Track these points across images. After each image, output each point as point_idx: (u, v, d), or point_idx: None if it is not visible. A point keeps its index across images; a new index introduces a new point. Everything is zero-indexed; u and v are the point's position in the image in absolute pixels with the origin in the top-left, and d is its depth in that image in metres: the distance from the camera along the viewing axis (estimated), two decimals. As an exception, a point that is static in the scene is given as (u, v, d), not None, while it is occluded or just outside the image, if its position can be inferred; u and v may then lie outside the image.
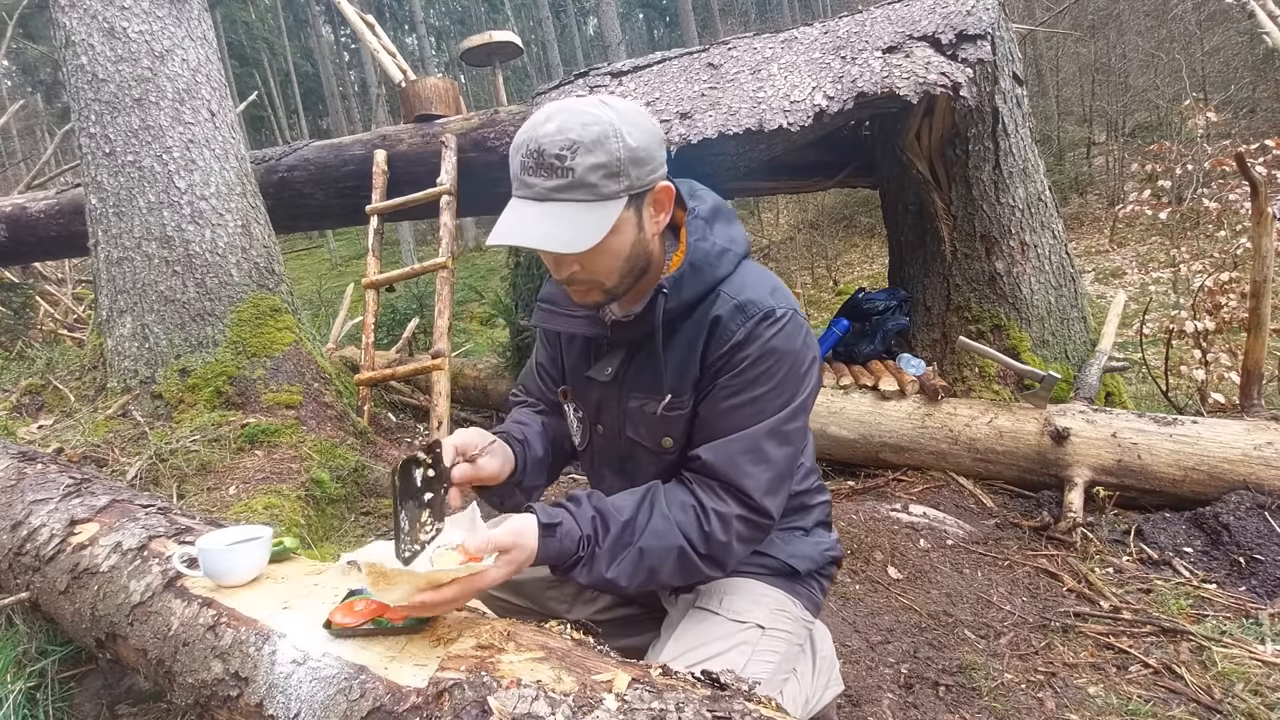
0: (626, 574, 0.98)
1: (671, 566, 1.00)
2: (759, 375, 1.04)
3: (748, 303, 1.05)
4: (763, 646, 1.10)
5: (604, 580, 0.98)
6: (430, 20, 31.71)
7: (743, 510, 1.02)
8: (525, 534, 0.93)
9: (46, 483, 1.69)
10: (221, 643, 1.04)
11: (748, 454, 1.02)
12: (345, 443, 3.16)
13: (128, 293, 3.14)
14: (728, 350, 1.04)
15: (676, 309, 1.06)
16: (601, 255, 0.99)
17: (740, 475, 1.01)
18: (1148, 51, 12.61)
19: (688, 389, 1.08)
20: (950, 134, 3.30)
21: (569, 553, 0.96)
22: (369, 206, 4.07)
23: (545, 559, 0.95)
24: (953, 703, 1.69)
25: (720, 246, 1.08)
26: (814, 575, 1.23)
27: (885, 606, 2.08)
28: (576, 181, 0.93)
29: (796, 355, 1.05)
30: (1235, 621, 1.99)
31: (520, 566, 0.93)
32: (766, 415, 1.03)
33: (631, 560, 0.98)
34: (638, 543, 0.98)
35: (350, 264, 18.86)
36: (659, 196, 1.03)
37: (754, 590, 1.17)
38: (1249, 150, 3.70)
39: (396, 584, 0.86)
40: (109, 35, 3.12)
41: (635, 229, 1.01)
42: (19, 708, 1.52)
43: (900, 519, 2.60)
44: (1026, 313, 3.34)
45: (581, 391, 1.22)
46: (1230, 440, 2.52)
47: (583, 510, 0.99)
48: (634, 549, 0.98)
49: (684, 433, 1.10)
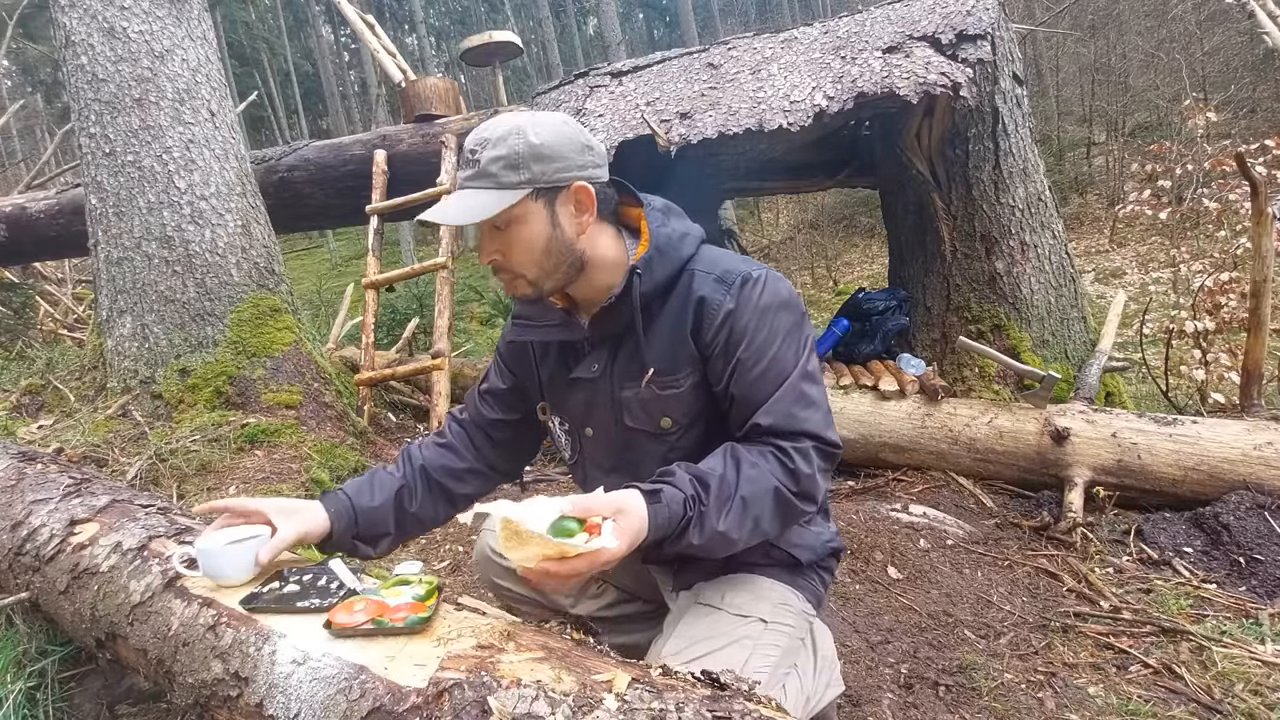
0: (735, 525, 0.99)
1: (771, 510, 1.02)
2: (767, 335, 1.09)
3: (725, 273, 1.11)
4: (765, 641, 1.11)
5: (717, 535, 0.98)
6: (430, 20, 31.69)
7: (815, 444, 1.06)
8: (631, 501, 0.93)
9: (46, 483, 1.69)
10: (221, 643, 1.04)
11: (796, 403, 1.07)
12: (345, 443, 3.16)
13: (128, 293, 3.14)
14: (723, 322, 1.09)
15: (652, 290, 1.12)
16: (515, 245, 1.09)
17: (800, 421, 1.06)
18: (1148, 51, 12.61)
19: (682, 367, 1.12)
20: (950, 134, 3.29)
21: (678, 516, 0.96)
22: (369, 206, 4.07)
23: (656, 527, 0.94)
24: (953, 703, 1.69)
25: (680, 231, 1.15)
26: (816, 567, 1.25)
27: (885, 606, 2.08)
28: (481, 171, 1.05)
29: (787, 303, 1.12)
30: (1235, 621, 1.99)
31: (635, 538, 0.91)
32: (791, 365, 1.09)
33: (737, 511, 0.99)
34: (738, 493, 1.00)
35: (350, 264, 18.86)
36: (578, 196, 1.09)
37: (757, 585, 1.18)
38: (1249, 150, 3.70)
39: (528, 545, 0.85)
40: (109, 35, 3.12)
41: (547, 224, 1.08)
42: (19, 708, 1.52)
43: (900, 519, 2.60)
44: (1026, 313, 3.34)
45: (564, 399, 1.24)
46: (1230, 440, 2.52)
47: (678, 476, 0.99)
48: (736, 499, 0.99)
49: (684, 413, 1.14)
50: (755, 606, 1.14)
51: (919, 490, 2.96)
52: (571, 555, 0.85)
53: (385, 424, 3.88)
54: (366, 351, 3.95)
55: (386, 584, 1.07)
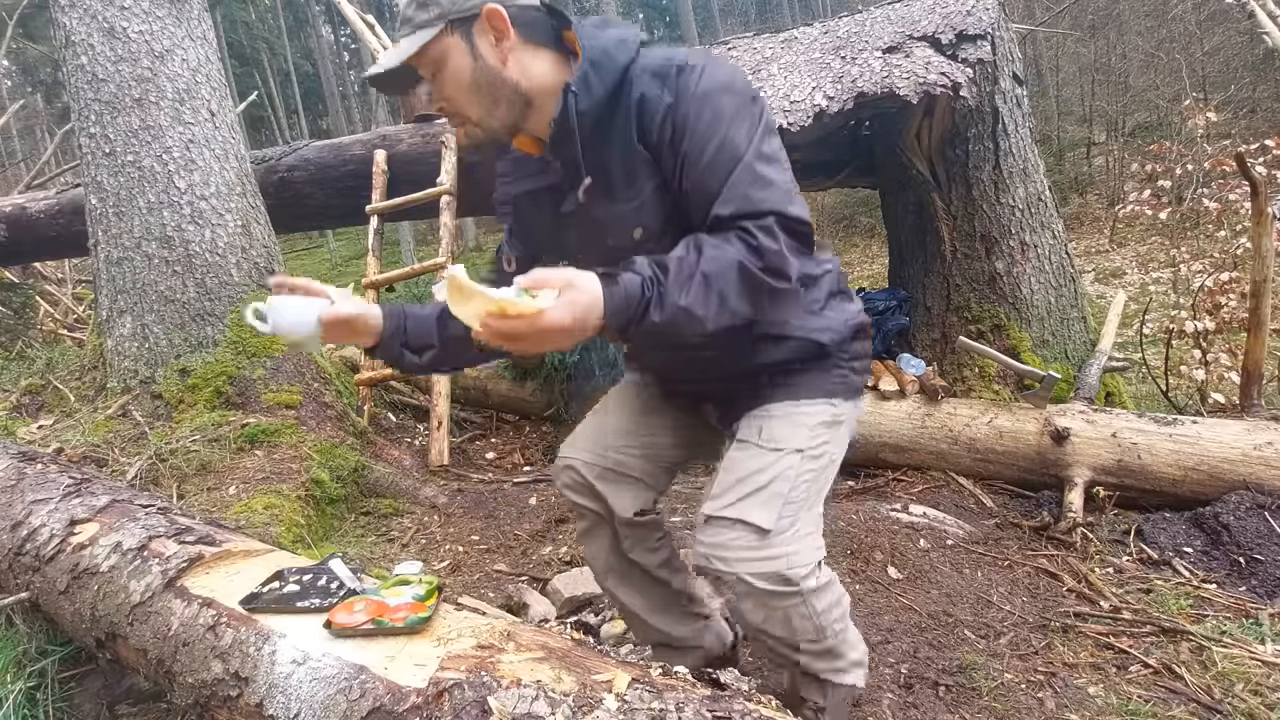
0: (699, 301, 0.97)
1: (736, 285, 0.99)
2: (710, 121, 1.04)
3: (659, 67, 1.07)
4: (804, 469, 1.18)
5: (679, 310, 0.96)
6: (430, 20, 31.64)
7: (777, 220, 1.02)
8: (583, 278, 0.94)
9: (46, 483, 1.69)
10: (221, 643, 1.04)
11: (752, 185, 1.03)
12: (345, 443, 3.16)
13: (128, 293, 3.14)
14: (664, 117, 1.06)
15: (593, 105, 1.08)
16: (446, 85, 1.09)
17: (758, 202, 1.02)
18: (1148, 51, 12.61)
19: (640, 175, 1.10)
20: (950, 134, 3.29)
21: (635, 296, 0.95)
22: (369, 206, 4.07)
23: (612, 308, 0.94)
24: (953, 703, 1.69)
25: (616, 38, 1.11)
26: (844, 352, 1.27)
27: (885, 606, 2.08)
28: (403, 19, 1.08)
29: (730, 85, 1.07)
30: (1235, 621, 1.99)
31: (583, 313, 0.92)
32: (742, 148, 1.04)
33: (699, 286, 0.97)
34: (699, 270, 0.97)
35: (350, 264, 18.86)
36: (491, 22, 1.06)
37: (791, 414, 1.22)
38: (1249, 150, 3.70)
39: (471, 301, 0.90)
40: (109, 35, 3.11)
41: (468, 55, 1.07)
42: (19, 708, 1.52)
43: (900, 519, 2.60)
44: (1026, 313, 3.34)
45: (557, 242, 1.24)
46: (1230, 440, 2.52)
47: (638, 263, 0.98)
48: (697, 276, 0.97)
49: (653, 221, 1.12)
50: (792, 438, 1.19)
51: (919, 490, 2.96)
52: (511, 314, 0.88)
53: (385, 424, 3.88)
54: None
55: (386, 584, 1.07)
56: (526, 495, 3.13)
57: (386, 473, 3.16)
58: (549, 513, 2.87)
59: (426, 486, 3.16)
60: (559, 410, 4.07)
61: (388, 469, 3.21)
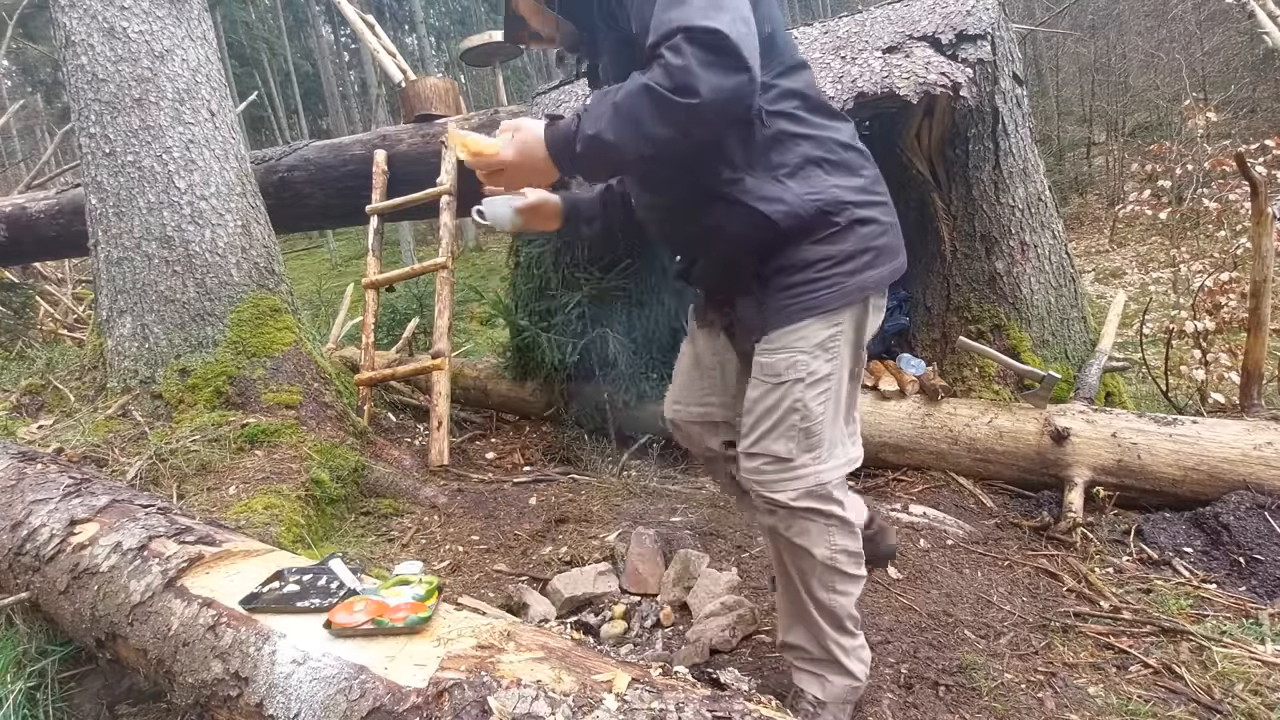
0: (610, 127, 1.08)
1: (648, 108, 1.06)
2: None
3: None
4: (811, 394, 1.25)
5: (591, 138, 1.09)
6: (430, 20, 31.68)
7: (684, 35, 1.03)
8: (529, 122, 1.18)
9: (46, 483, 1.69)
10: (221, 643, 1.04)
11: (665, 8, 1.08)
12: (345, 443, 3.16)
13: (128, 293, 3.14)
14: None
15: None
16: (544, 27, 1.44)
17: (668, 22, 1.06)
18: (1148, 51, 12.61)
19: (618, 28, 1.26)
20: (950, 134, 3.29)
21: (567, 130, 1.13)
22: (369, 206, 4.07)
23: (550, 141, 1.15)
24: (953, 703, 1.69)
25: None
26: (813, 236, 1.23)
27: (885, 606, 2.08)
28: None
29: None
30: (1235, 621, 1.99)
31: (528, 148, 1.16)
32: None
33: (609, 115, 1.08)
34: (610, 100, 1.09)
35: (350, 264, 18.86)
36: None
37: (788, 343, 1.26)
38: (1249, 150, 3.71)
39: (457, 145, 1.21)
40: (109, 35, 3.12)
41: None
42: (19, 708, 1.52)
43: (900, 519, 2.60)
44: (1026, 313, 3.33)
45: None
46: (1230, 440, 2.52)
47: (583, 105, 1.14)
48: (608, 105, 1.09)
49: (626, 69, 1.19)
50: (790, 368, 1.26)
51: (919, 490, 2.96)
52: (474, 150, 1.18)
53: (385, 424, 3.88)
54: (366, 351, 3.95)
55: (386, 584, 1.07)
56: (526, 495, 3.13)
57: (386, 473, 3.16)
58: (549, 513, 2.87)
59: (426, 486, 3.16)
60: (559, 410, 4.06)
61: (388, 469, 3.21)
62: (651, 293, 3.70)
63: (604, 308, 3.70)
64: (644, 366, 3.79)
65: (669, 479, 3.46)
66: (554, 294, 3.75)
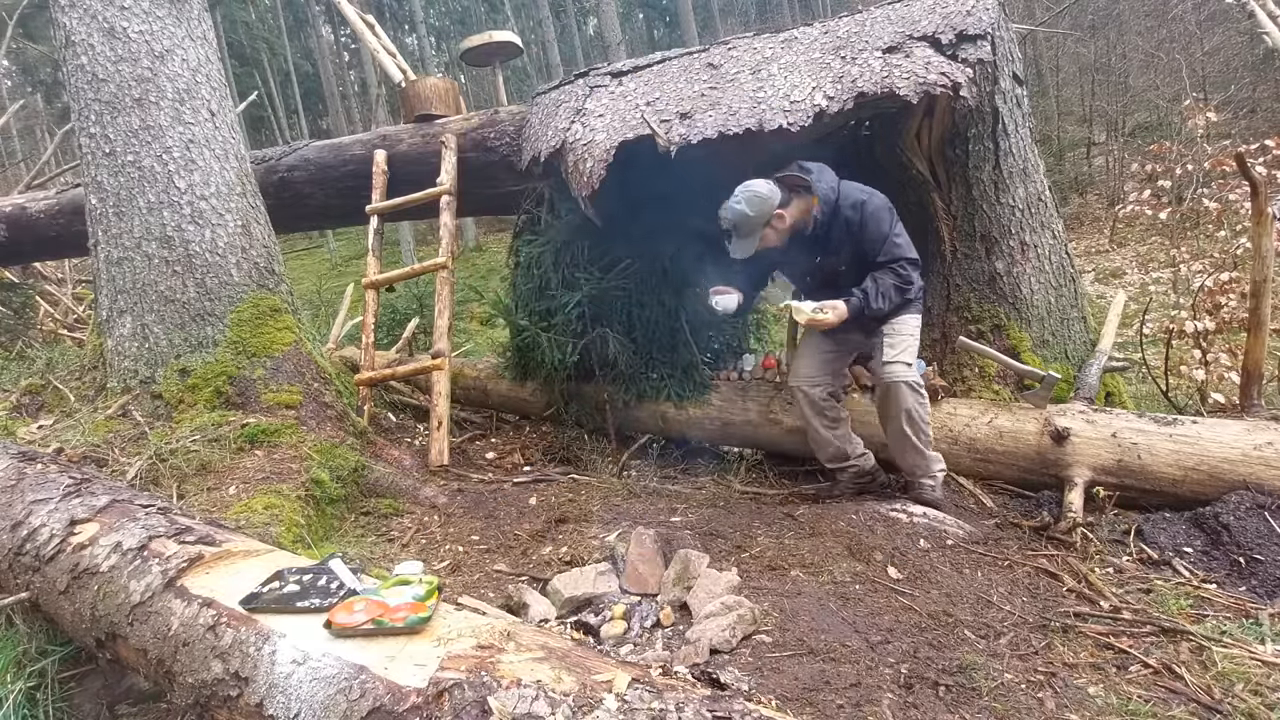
0: (882, 302, 2.61)
1: (893, 292, 2.62)
2: (875, 224, 2.65)
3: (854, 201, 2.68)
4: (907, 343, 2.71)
5: (875, 309, 2.61)
6: (430, 20, 31.67)
7: (906, 262, 2.64)
8: (840, 303, 2.60)
9: (46, 483, 1.69)
10: (221, 643, 1.04)
11: (893, 247, 2.64)
12: (345, 443, 3.16)
13: (128, 293, 3.14)
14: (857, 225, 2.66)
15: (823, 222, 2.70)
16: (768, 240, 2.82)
17: (896, 254, 2.65)
18: (1148, 51, 12.61)
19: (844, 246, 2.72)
20: (950, 134, 3.29)
21: (858, 304, 2.60)
22: (369, 206, 4.07)
23: (853, 309, 2.59)
24: (953, 703, 1.68)
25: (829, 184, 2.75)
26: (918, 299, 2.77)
27: (885, 606, 2.08)
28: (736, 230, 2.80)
29: (879, 207, 2.67)
30: (1235, 621, 1.99)
31: (840, 315, 2.59)
32: (886, 231, 2.65)
33: (880, 296, 2.60)
34: (879, 289, 2.61)
35: (350, 264, 18.86)
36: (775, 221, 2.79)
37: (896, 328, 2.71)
38: (1249, 150, 3.71)
39: (795, 314, 2.64)
40: (109, 35, 3.12)
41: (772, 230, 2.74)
42: (19, 708, 1.52)
43: (900, 519, 2.60)
44: (1026, 313, 3.33)
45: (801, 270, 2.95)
46: (1230, 440, 2.52)
47: (856, 291, 2.63)
48: (880, 293, 2.61)
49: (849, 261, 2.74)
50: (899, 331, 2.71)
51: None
52: (817, 321, 2.60)
53: (385, 424, 3.88)
54: (366, 351, 3.95)
55: (386, 584, 1.07)
56: (526, 495, 3.13)
57: (386, 473, 3.16)
58: (549, 513, 2.87)
59: (426, 486, 3.16)
60: (559, 410, 4.06)
61: (388, 469, 3.21)
62: (651, 293, 3.70)
63: (604, 308, 3.70)
64: (644, 366, 3.79)
65: (669, 479, 3.46)
66: (554, 294, 3.74)
